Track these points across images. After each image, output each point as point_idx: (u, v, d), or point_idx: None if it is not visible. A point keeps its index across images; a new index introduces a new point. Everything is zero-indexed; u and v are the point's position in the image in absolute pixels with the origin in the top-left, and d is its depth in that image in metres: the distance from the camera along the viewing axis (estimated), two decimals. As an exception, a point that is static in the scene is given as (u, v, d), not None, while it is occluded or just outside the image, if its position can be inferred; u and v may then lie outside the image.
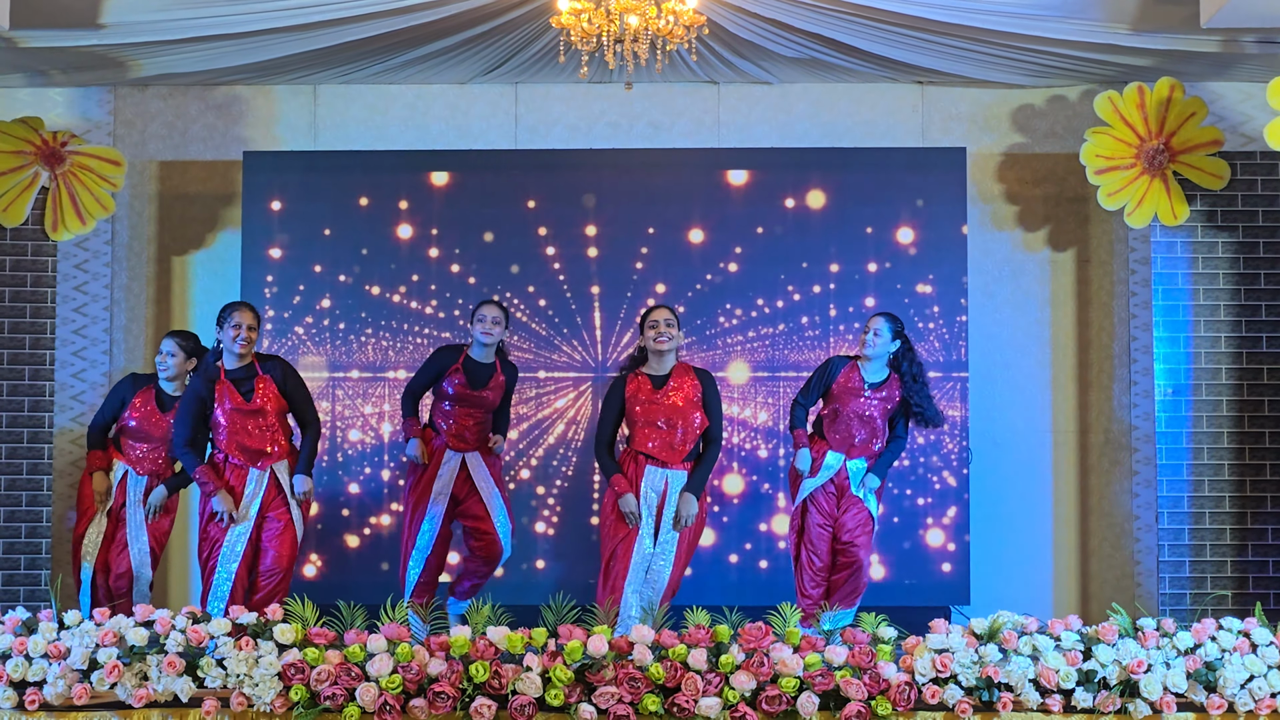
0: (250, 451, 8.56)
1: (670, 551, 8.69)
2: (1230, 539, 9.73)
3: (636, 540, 8.65)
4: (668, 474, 8.71)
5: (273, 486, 8.62)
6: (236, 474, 8.59)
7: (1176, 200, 9.74)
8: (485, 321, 8.99)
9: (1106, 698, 6.95)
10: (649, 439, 8.70)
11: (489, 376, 9.01)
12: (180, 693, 6.94)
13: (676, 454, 8.71)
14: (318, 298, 10.12)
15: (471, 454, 9.09)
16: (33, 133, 9.91)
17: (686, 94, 10.55)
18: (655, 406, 8.69)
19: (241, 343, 8.50)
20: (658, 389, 8.72)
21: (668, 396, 8.70)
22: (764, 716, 6.90)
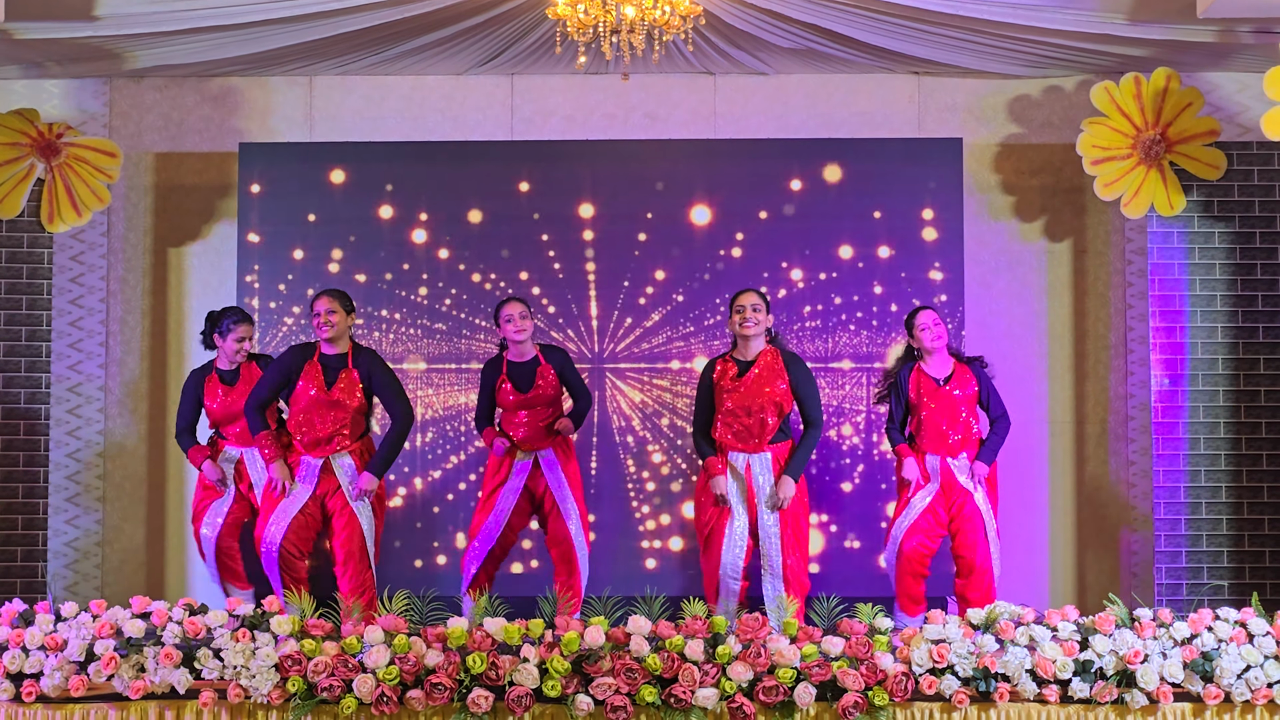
0: (313, 442, 8.57)
1: (774, 536, 8.67)
2: (1227, 529, 9.74)
3: (729, 523, 8.67)
4: (749, 458, 8.70)
5: (329, 478, 8.63)
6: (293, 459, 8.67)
7: (1173, 190, 9.74)
8: (514, 320, 8.99)
9: (1103, 688, 6.96)
10: (730, 426, 8.71)
11: (534, 372, 9.02)
12: (177, 684, 6.95)
13: (758, 439, 8.70)
14: (313, 289, 10.10)
15: (544, 452, 9.07)
16: (28, 124, 9.90)
17: (683, 85, 10.54)
18: (738, 393, 8.69)
19: (326, 326, 8.56)
20: (742, 374, 8.73)
21: (751, 382, 8.70)
22: (761, 707, 6.91)
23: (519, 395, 9.00)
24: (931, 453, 8.92)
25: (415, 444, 10.02)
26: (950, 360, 9.02)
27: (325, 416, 8.58)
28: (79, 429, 10.22)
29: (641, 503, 10.06)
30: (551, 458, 9.08)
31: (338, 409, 8.58)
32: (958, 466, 8.92)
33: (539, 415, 9.05)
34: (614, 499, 9.99)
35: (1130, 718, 6.99)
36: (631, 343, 10.05)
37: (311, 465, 8.62)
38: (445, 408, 10.04)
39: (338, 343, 8.65)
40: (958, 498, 8.92)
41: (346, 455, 8.64)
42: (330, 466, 8.61)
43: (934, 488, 8.91)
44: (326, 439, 8.59)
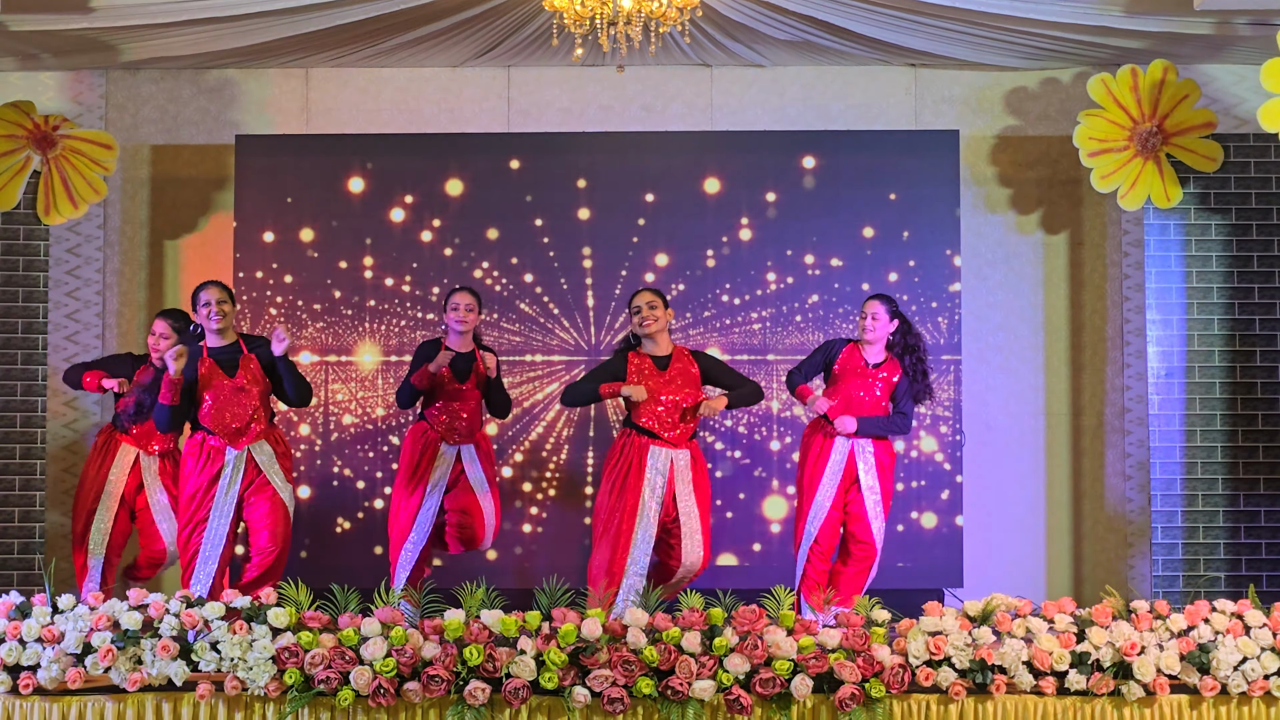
0: (230, 431, 8.49)
1: (695, 528, 8.68)
2: (1223, 521, 9.75)
3: (639, 519, 8.62)
4: (672, 455, 8.70)
5: (252, 468, 8.52)
6: (214, 455, 8.54)
7: (1169, 183, 9.74)
8: (459, 309, 8.90)
9: (1100, 680, 6.96)
10: (650, 417, 8.68)
11: (471, 365, 8.97)
12: (174, 676, 6.94)
13: (680, 435, 8.70)
14: (309, 281, 10.11)
15: (467, 446, 9.05)
16: (24, 116, 9.89)
17: (679, 77, 10.54)
18: (659, 385, 8.68)
19: (216, 317, 8.45)
20: (662, 369, 8.71)
21: (672, 377, 8.69)
22: (758, 699, 6.91)
23: (454, 384, 8.90)
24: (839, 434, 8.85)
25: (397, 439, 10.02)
26: (884, 353, 8.92)
27: (237, 405, 8.50)
28: (75, 421, 10.22)
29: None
30: (471, 451, 9.04)
31: (246, 395, 8.45)
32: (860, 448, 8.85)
33: (466, 408, 8.96)
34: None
35: (1127, 710, 7.00)
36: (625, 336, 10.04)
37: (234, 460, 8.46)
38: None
39: (226, 333, 8.51)
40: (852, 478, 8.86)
41: (264, 441, 8.51)
42: (252, 458, 8.50)
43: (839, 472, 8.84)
44: (245, 427, 8.48)
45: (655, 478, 8.65)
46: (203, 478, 8.44)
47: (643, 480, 8.64)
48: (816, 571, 8.86)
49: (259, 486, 8.48)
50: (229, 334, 8.51)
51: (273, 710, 6.97)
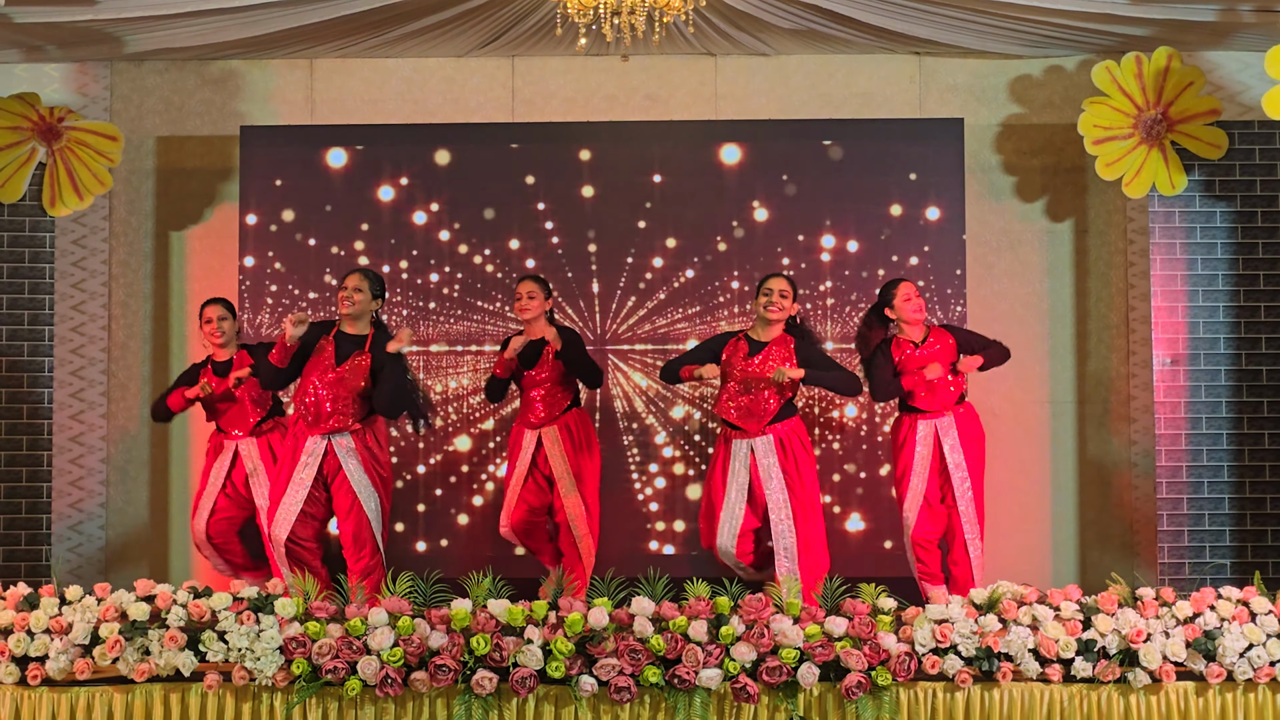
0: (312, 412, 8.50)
1: (786, 516, 8.62)
2: (1229, 508, 9.75)
3: (725, 508, 8.66)
4: (751, 443, 8.67)
5: (332, 457, 8.53)
6: (300, 438, 8.57)
7: (1174, 170, 9.74)
8: (522, 299, 9.06)
9: (1106, 667, 6.97)
10: (733, 402, 8.68)
11: (540, 349, 9.03)
12: (182, 667, 6.97)
13: (758, 421, 8.67)
14: (315, 272, 10.12)
15: (547, 430, 9.09)
16: (29, 109, 9.90)
17: (684, 66, 10.53)
18: (744, 371, 8.67)
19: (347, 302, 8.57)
20: (752, 354, 8.72)
21: (760, 363, 8.68)
22: (765, 687, 6.93)
23: (524, 370, 9.06)
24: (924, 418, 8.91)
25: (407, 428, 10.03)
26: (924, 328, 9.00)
27: (326, 391, 8.53)
28: (82, 413, 10.23)
29: (645, 485, 10.06)
30: (554, 433, 9.11)
31: (340, 386, 8.54)
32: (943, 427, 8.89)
33: (540, 390, 9.08)
34: (618, 482, 9.98)
35: (1133, 697, 7.01)
36: (635, 323, 10.05)
37: (314, 447, 8.58)
38: (449, 390, 10.04)
39: (358, 322, 8.65)
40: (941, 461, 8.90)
41: (348, 435, 8.59)
42: (333, 448, 8.57)
43: (928, 458, 8.89)
44: (327, 414, 8.55)
45: (739, 469, 8.67)
46: (284, 459, 8.64)
47: (729, 474, 8.69)
48: (929, 559, 8.89)
49: (340, 480, 8.54)
50: (362, 324, 8.64)
51: (280, 700, 6.99)
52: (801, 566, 8.48)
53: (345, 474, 8.51)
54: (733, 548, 8.64)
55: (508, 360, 9.00)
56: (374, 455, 8.60)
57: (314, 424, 8.52)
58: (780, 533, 8.57)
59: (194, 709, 7.01)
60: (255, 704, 7.01)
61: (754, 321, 8.91)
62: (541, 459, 9.09)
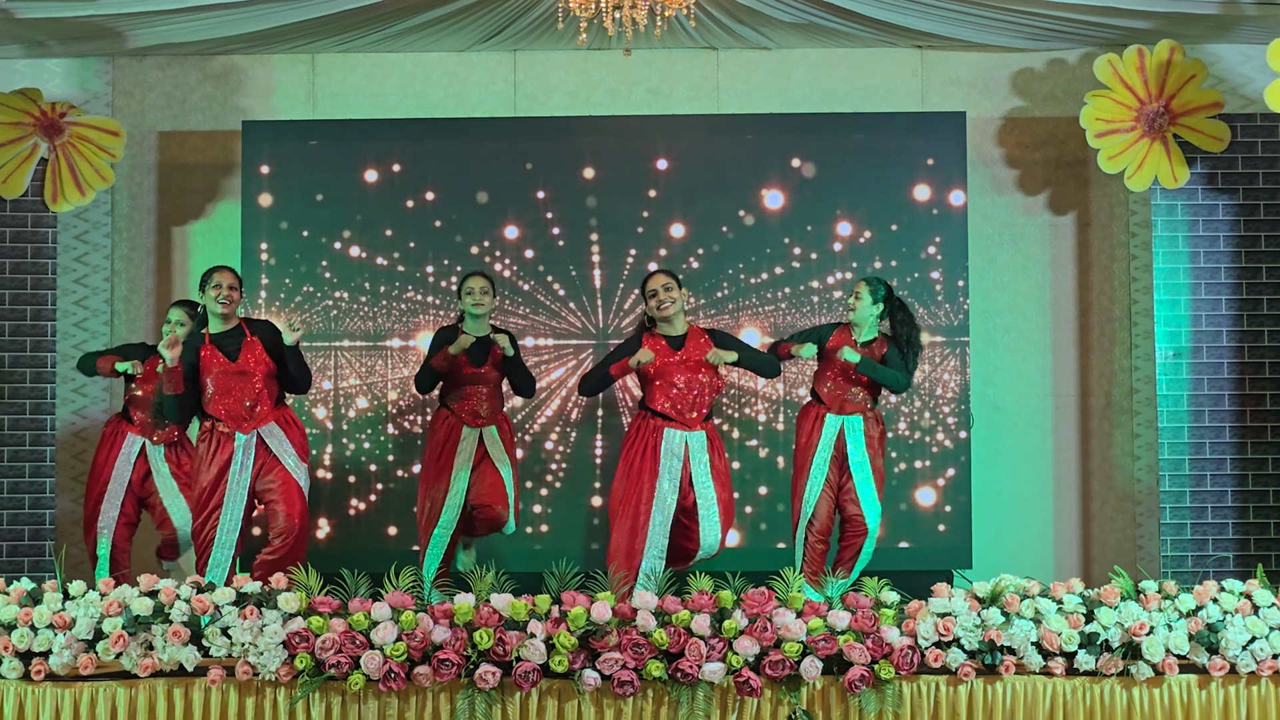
0: (236, 415, 8.50)
1: (713, 511, 8.63)
2: (1232, 501, 9.75)
3: (655, 503, 8.57)
4: (687, 437, 8.66)
5: (262, 450, 8.48)
6: (224, 442, 8.52)
7: (1177, 163, 9.73)
8: (474, 293, 8.95)
9: (1109, 660, 6.97)
10: (665, 399, 8.65)
11: (488, 349, 8.99)
12: (186, 662, 6.97)
13: (695, 416, 8.67)
14: (318, 266, 10.12)
15: (488, 429, 9.05)
16: (31, 104, 9.90)
17: (685, 60, 10.53)
18: (673, 366, 8.65)
19: (223, 302, 8.43)
20: (676, 349, 8.69)
21: (687, 356, 8.66)
22: (768, 681, 6.93)
23: (471, 369, 8.93)
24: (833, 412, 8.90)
25: (409, 423, 10.05)
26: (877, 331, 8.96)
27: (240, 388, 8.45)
28: (85, 408, 10.24)
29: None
30: (494, 433, 9.05)
31: (250, 378, 8.43)
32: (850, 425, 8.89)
33: (483, 391, 9.00)
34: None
35: (1136, 690, 7.01)
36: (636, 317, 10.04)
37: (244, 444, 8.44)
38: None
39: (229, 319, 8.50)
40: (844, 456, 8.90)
41: (272, 423, 8.48)
42: (262, 440, 8.47)
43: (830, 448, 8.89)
44: (249, 410, 8.44)
45: (671, 461, 8.62)
46: (214, 466, 8.44)
47: (659, 463, 8.63)
48: (816, 553, 8.88)
49: (270, 468, 8.47)
50: (232, 319, 8.51)
51: (284, 695, 6.99)
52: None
53: (278, 459, 8.47)
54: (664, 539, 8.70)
55: (453, 355, 8.85)
56: (298, 436, 8.59)
57: (238, 424, 8.44)
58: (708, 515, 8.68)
59: (198, 704, 7.01)
60: (259, 699, 7.01)
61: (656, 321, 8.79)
62: (481, 454, 9.01)
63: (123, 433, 9.29)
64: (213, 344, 8.43)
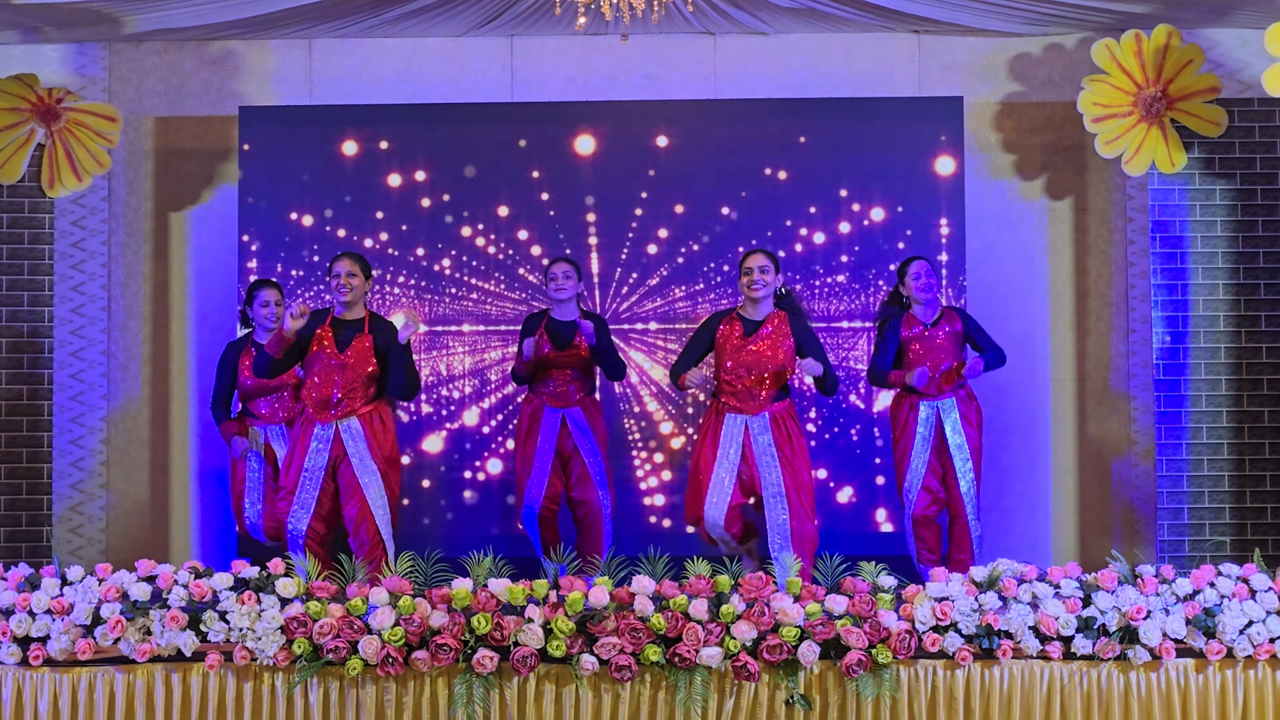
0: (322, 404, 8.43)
1: (780, 494, 8.58)
2: (1228, 485, 9.76)
3: (713, 474, 8.58)
4: (747, 420, 8.61)
5: (338, 445, 8.43)
6: (306, 427, 8.48)
7: (1174, 148, 9.73)
8: (558, 279, 9.09)
9: (1106, 644, 6.98)
10: (732, 385, 8.60)
11: (573, 332, 9.06)
12: (184, 647, 6.97)
13: (758, 401, 8.62)
14: (315, 252, 10.12)
15: (572, 410, 9.15)
16: (28, 89, 9.89)
17: (683, 45, 10.52)
18: (744, 353, 8.63)
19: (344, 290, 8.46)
20: (748, 335, 8.66)
21: (758, 342, 8.63)
22: (765, 666, 6.93)
23: (556, 352, 9.06)
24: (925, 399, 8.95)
25: (417, 405, 10.05)
26: (938, 306, 9.07)
27: (334, 379, 8.48)
28: (82, 394, 10.24)
29: (645, 462, 10.08)
30: (579, 414, 9.15)
31: (347, 372, 8.49)
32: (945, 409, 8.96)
33: (567, 374, 9.13)
34: (619, 460, 9.99)
35: (1133, 674, 7.02)
36: (635, 302, 10.06)
37: (322, 434, 8.49)
38: (447, 370, 10.05)
39: (354, 307, 8.58)
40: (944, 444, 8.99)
41: (354, 419, 8.50)
42: (339, 434, 8.53)
43: (928, 439, 8.94)
44: (335, 402, 8.50)
45: (729, 446, 8.60)
46: (296, 451, 8.51)
47: (719, 449, 8.61)
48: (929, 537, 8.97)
49: (345, 467, 8.47)
50: (357, 308, 8.54)
51: (282, 680, 6.99)
52: (794, 545, 8.47)
53: (350, 459, 8.44)
54: (721, 521, 8.60)
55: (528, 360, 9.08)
56: (380, 439, 8.53)
57: (321, 412, 8.45)
58: (773, 511, 8.55)
59: (196, 689, 7.01)
60: (257, 683, 7.01)
61: (742, 300, 8.80)
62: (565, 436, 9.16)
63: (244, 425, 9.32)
64: (331, 330, 8.47)
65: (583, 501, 9.26)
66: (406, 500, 9.97)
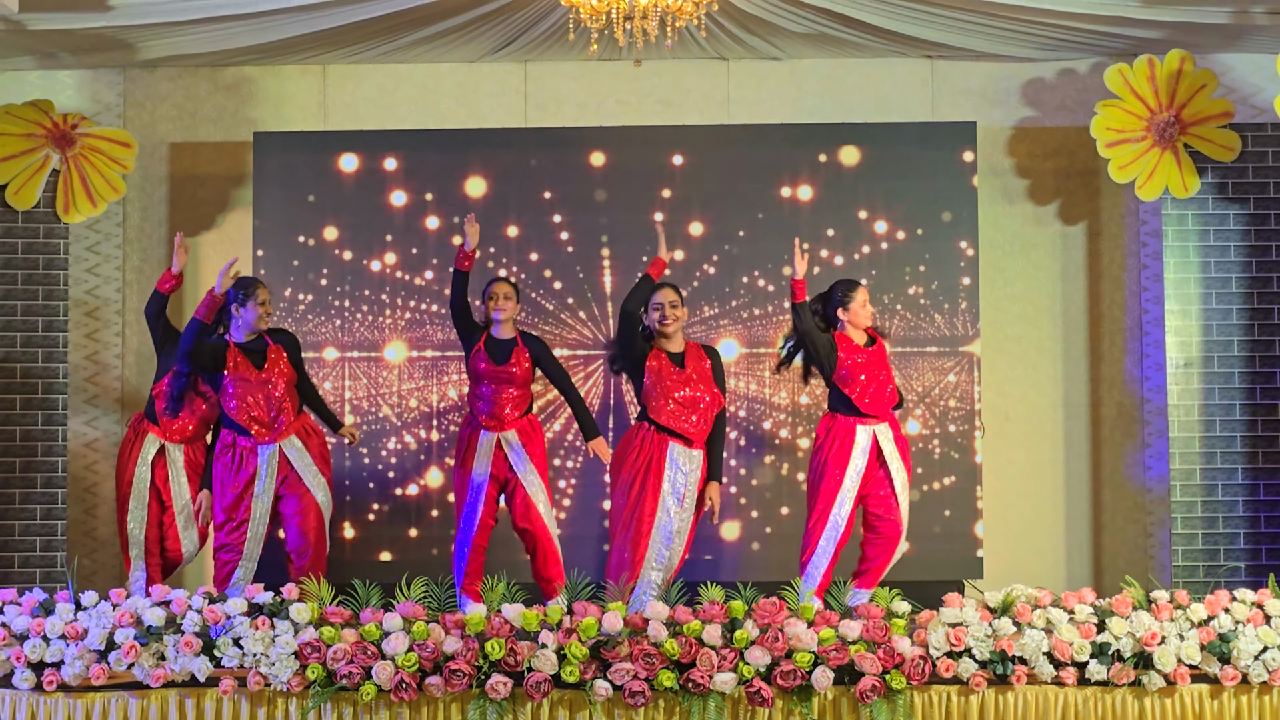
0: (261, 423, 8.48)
1: (685, 531, 8.55)
2: (1243, 511, 9.73)
3: (659, 513, 8.48)
4: (692, 454, 8.54)
5: (284, 464, 8.52)
6: (247, 455, 8.53)
7: (1187, 173, 9.73)
8: (498, 298, 8.83)
9: (1121, 670, 6.97)
10: (670, 416, 8.51)
11: (511, 351, 8.93)
12: (197, 672, 6.98)
13: (699, 434, 8.58)
14: (329, 277, 10.13)
15: (507, 433, 8.91)
16: (43, 115, 9.92)
17: (696, 71, 10.54)
18: (678, 384, 8.55)
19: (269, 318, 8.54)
20: (680, 366, 8.60)
21: (691, 375, 8.59)
22: (779, 691, 6.93)
23: (493, 368, 8.78)
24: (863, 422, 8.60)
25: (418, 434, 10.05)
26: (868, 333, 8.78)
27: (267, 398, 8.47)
28: (96, 419, 10.25)
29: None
30: (514, 437, 8.89)
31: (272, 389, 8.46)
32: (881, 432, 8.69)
33: (506, 393, 8.82)
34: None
35: (1148, 700, 7.01)
36: (647, 328, 10.05)
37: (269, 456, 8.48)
38: (460, 396, 10.02)
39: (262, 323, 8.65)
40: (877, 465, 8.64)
41: (294, 436, 8.53)
42: (284, 452, 8.49)
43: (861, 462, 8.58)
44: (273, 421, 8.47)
45: (675, 475, 8.55)
46: (239, 480, 8.49)
47: (662, 477, 8.57)
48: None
49: (292, 484, 8.49)
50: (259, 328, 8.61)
51: (295, 705, 7.01)
52: None
53: (297, 472, 8.48)
54: None
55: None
56: (319, 443, 8.61)
57: (265, 434, 8.47)
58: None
59: (210, 714, 7.02)
60: (270, 709, 7.02)
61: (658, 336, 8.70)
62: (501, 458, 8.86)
63: (144, 432, 9.08)
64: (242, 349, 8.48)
65: (526, 531, 8.84)
66: (414, 531, 9.97)
